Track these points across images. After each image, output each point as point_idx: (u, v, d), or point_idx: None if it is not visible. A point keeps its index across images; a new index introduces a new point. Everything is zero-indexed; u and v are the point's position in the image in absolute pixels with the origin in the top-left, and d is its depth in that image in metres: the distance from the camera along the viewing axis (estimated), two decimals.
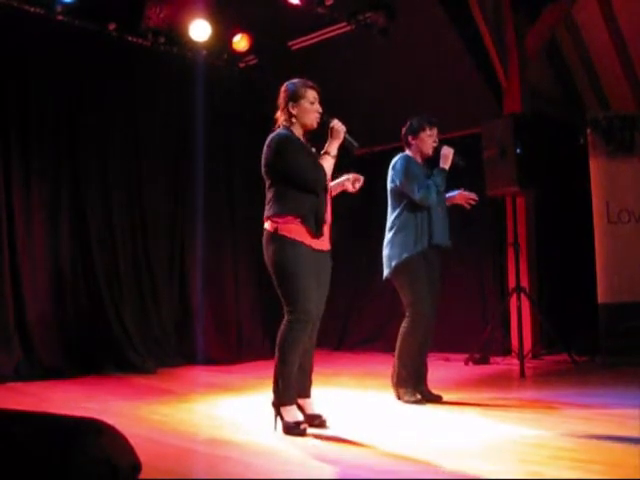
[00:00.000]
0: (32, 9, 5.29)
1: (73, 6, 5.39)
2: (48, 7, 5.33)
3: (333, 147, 3.33)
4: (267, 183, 3.35)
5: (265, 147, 3.31)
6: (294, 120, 3.34)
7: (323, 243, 3.34)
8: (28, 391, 4.63)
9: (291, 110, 3.33)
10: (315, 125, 3.35)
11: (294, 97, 3.33)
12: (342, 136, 3.33)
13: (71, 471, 1.64)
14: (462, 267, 6.42)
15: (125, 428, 1.97)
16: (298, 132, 3.35)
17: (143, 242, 6.17)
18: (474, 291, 6.64)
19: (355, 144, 3.38)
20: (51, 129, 5.61)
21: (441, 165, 4.02)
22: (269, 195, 3.32)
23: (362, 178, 3.52)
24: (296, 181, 3.23)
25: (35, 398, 4.39)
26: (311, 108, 3.33)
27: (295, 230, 3.22)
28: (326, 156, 3.31)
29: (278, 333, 3.25)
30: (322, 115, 3.35)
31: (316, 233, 3.23)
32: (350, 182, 3.51)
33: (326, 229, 3.34)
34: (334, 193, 3.52)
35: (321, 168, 3.27)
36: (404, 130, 4.14)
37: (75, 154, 5.76)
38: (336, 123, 3.33)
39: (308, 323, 3.20)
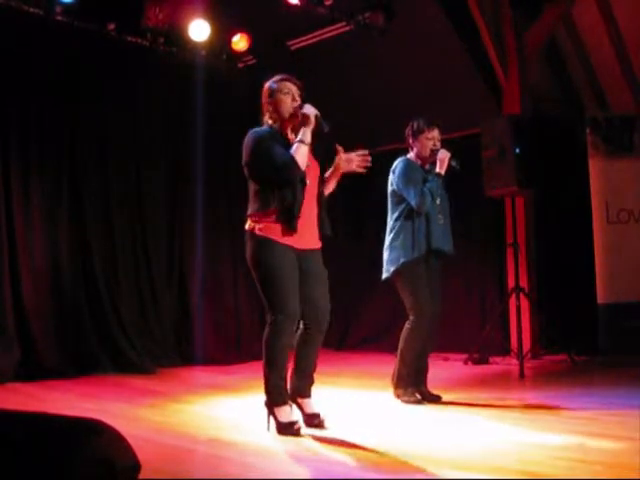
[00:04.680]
0: (31, 9, 5.28)
1: (72, 6, 5.38)
2: (47, 7, 5.32)
3: (306, 134, 3.21)
4: (249, 181, 3.32)
5: (243, 145, 3.28)
6: (274, 115, 3.29)
7: (307, 241, 3.27)
8: (27, 391, 4.63)
9: (269, 107, 3.31)
10: (288, 115, 3.26)
11: (270, 93, 3.31)
12: (313, 120, 3.21)
13: (70, 471, 1.64)
14: (461, 267, 6.40)
15: (124, 428, 1.97)
16: (282, 128, 3.31)
17: (143, 242, 6.16)
18: (473, 291, 6.64)
19: (326, 127, 3.23)
20: (51, 129, 5.60)
21: (437, 169, 3.99)
22: (250, 193, 3.30)
23: (358, 157, 3.34)
24: (269, 177, 3.18)
25: (34, 398, 4.39)
26: (285, 99, 3.27)
27: (271, 229, 3.18)
28: (300, 144, 3.18)
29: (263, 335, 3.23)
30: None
31: (290, 228, 3.16)
32: (342, 161, 3.35)
33: (311, 226, 3.28)
34: (333, 186, 3.44)
35: (294, 161, 3.14)
36: (406, 132, 4.13)
37: (75, 154, 5.76)
38: (306, 108, 3.24)
39: (290, 322, 3.17)
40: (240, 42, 6.38)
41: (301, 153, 3.18)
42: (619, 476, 2.44)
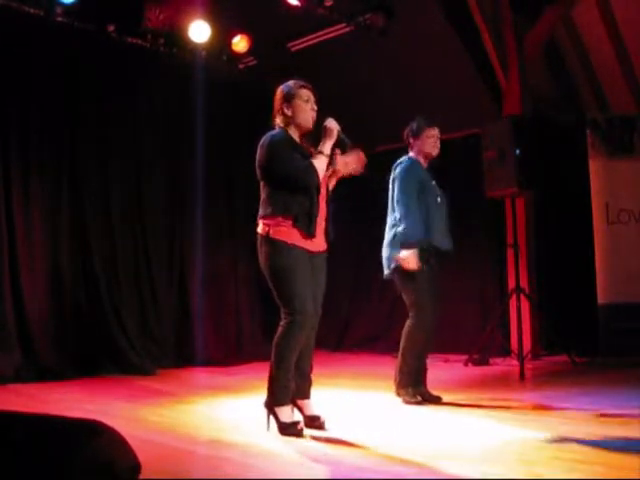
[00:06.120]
0: (32, 10, 5.29)
1: (73, 7, 5.39)
2: (48, 8, 5.33)
3: (327, 146, 3.28)
4: (261, 183, 3.33)
5: (258, 147, 3.29)
6: (290, 121, 3.32)
7: (318, 244, 3.31)
8: (28, 392, 4.62)
9: (286, 111, 3.31)
10: (310, 125, 3.32)
11: (288, 98, 3.31)
12: (335, 134, 3.30)
13: (71, 472, 1.64)
14: (462, 268, 6.41)
15: (124, 429, 1.98)
16: (294, 134, 3.33)
17: (143, 242, 6.17)
18: (474, 292, 6.64)
19: (348, 142, 3.33)
20: (51, 130, 5.61)
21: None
22: (262, 195, 3.31)
23: (360, 155, 3.39)
24: (288, 183, 3.21)
25: (35, 400, 4.38)
26: (305, 106, 3.30)
27: (286, 233, 3.19)
28: (319, 155, 3.26)
29: (275, 334, 3.24)
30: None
31: (308, 234, 3.20)
32: (340, 164, 3.39)
33: (320, 230, 3.30)
34: (331, 185, 3.46)
35: (313, 169, 3.21)
36: (405, 132, 4.14)
37: (75, 154, 5.76)
38: (329, 122, 3.31)
39: (305, 324, 3.18)
40: (240, 43, 6.39)
41: (320, 163, 3.25)
42: (619, 476, 2.44)
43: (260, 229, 3.27)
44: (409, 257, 3.83)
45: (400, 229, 3.91)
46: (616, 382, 4.68)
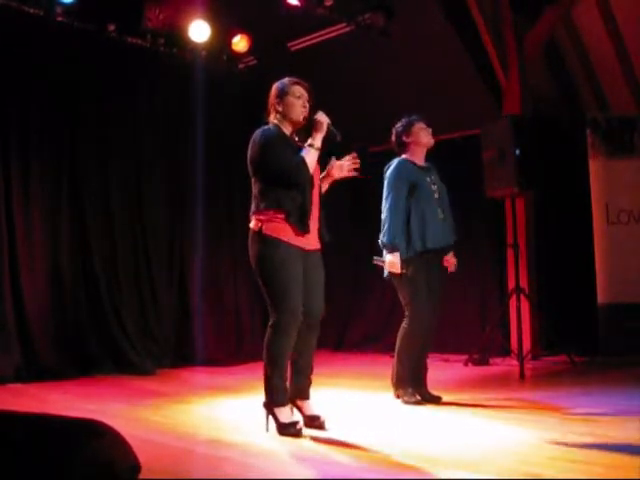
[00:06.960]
0: (32, 10, 5.29)
1: (72, 7, 5.39)
2: (47, 8, 5.33)
3: (317, 139, 3.28)
4: (252, 179, 3.33)
5: (250, 143, 3.30)
6: (282, 117, 3.33)
7: (312, 242, 3.30)
8: (27, 392, 4.62)
9: (277, 107, 3.33)
10: (301, 119, 3.32)
11: (280, 94, 3.33)
12: (325, 128, 3.29)
13: (70, 472, 1.64)
14: (462, 268, 6.36)
15: (124, 429, 1.97)
16: (287, 129, 3.34)
17: (143, 242, 6.16)
18: (474, 292, 6.64)
19: (338, 135, 3.33)
20: (51, 130, 5.60)
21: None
22: (254, 191, 3.30)
23: (348, 162, 3.40)
24: (281, 179, 3.20)
25: (34, 399, 4.39)
26: (297, 102, 3.31)
27: (279, 229, 3.18)
28: (309, 149, 3.26)
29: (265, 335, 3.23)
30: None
31: (301, 229, 3.19)
32: (335, 169, 3.43)
33: (314, 228, 3.29)
34: (324, 188, 3.47)
35: (304, 164, 3.20)
36: (394, 137, 4.13)
37: (75, 154, 5.76)
38: (319, 115, 3.31)
39: (293, 323, 3.18)
40: (240, 43, 6.39)
41: (311, 157, 3.25)
42: (619, 476, 2.44)
43: (253, 224, 3.26)
44: (392, 261, 3.87)
45: (382, 233, 3.95)
46: (616, 382, 4.69)
